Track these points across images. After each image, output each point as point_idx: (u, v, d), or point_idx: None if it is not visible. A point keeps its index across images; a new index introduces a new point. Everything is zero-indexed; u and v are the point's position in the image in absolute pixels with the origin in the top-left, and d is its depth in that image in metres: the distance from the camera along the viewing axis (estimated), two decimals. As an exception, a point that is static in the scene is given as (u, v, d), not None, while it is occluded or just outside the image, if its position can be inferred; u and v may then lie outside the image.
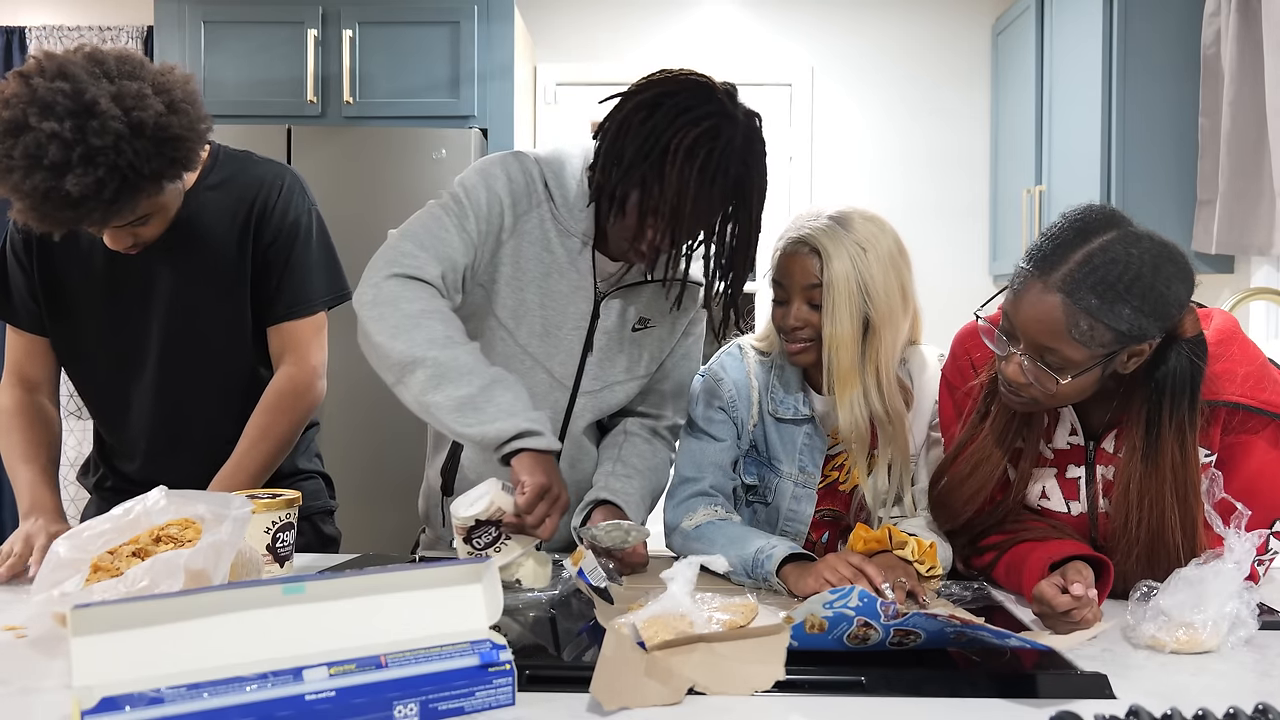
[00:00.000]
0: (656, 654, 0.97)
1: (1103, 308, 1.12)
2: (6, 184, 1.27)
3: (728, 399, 1.51)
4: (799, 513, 1.50)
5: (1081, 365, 1.16)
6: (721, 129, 1.30)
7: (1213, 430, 1.24)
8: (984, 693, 0.94)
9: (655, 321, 1.52)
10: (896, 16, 3.97)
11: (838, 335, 1.38)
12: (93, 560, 1.08)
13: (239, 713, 0.79)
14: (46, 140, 1.23)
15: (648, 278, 1.46)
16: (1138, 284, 1.12)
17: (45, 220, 1.30)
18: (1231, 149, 2.65)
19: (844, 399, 1.40)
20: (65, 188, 1.24)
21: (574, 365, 1.48)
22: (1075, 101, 3.12)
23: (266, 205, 1.54)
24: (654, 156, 1.29)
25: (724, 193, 1.32)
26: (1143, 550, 1.22)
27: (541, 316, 1.44)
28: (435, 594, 0.92)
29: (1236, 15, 2.62)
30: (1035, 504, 1.36)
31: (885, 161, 3.98)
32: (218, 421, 1.57)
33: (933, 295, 1.71)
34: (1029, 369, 1.19)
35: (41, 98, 1.25)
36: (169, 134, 1.32)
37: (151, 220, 1.43)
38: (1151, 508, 1.20)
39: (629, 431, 1.56)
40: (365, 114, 3.22)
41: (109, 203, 1.29)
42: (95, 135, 1.25)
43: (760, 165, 1.36)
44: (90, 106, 1.26)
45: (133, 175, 1.29)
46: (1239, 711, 0.78)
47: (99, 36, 3.76)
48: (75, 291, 1.53)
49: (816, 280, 1.39)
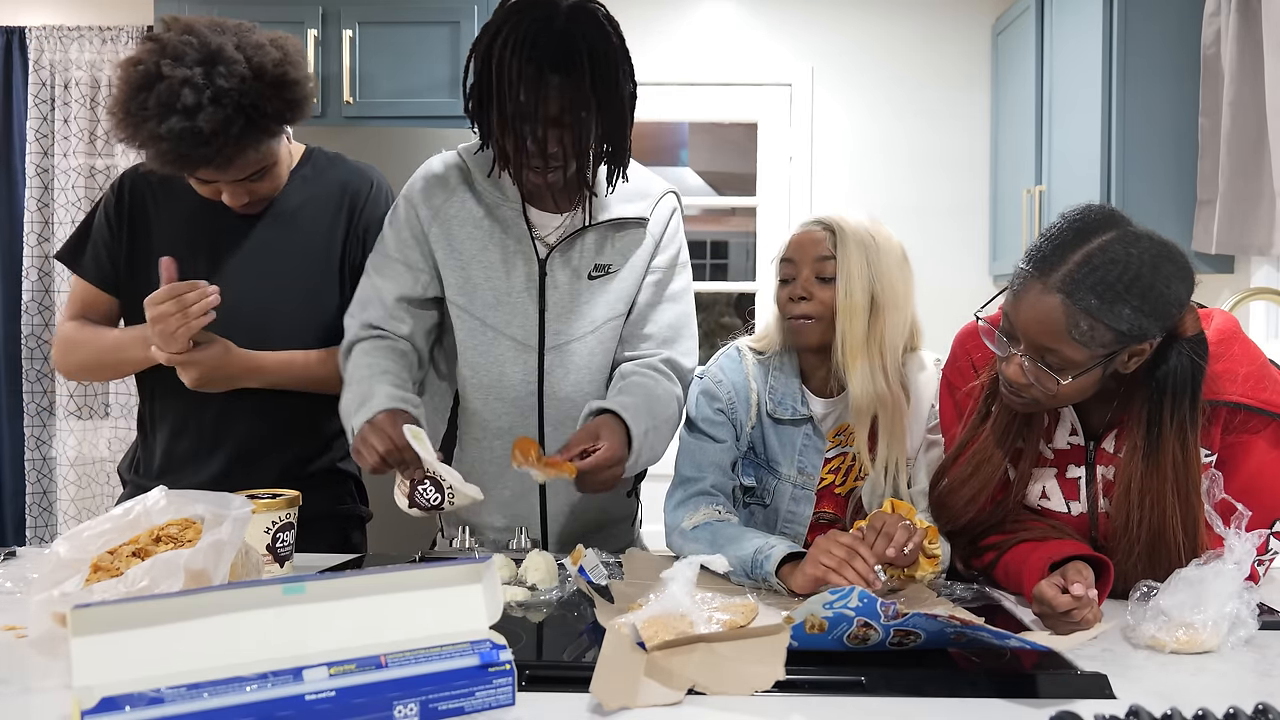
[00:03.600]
0: (656, 654, 0.97)
1: (1102, 308, 1.12)
2: (143, 132, 1.39)
3: (726, 401, 1.51)
4: (798, 514, 1.51)
5: (1082, 366, 1.16)
6: (534, 16, 1.34)
7: (1213, 430, 1.24)
8: (984, 693, 0.94)
9: (616, 265, 1.53)
10: (896, 17, 3.97)
11: (851, 305, 1.41)
12: (93, 560, 1.08)
13: (239, 713, 0.79)
14: (179, 85, 1.36)
15: (585, 222, 1.50)
16: (1137, 284, 1.12)
17: (180, 161, 1.41)
18: (1231, 149, 2.65)
19: (854, 369, 1.42)
20: (199, 124, 1.36)
21: (534, 326, 1.50)
22: (1075, 101, 3.12)
23: (359, 196, 1.65)
24: (486, 74, 1.36)
25: (553, 64, 1.33)
26: (1144, 550, 1.22)
27: (490, 288, 1.50)
28: (435, 594, 0.92)
29: (1236, 15, 2.62)
30: (1035, 504, 1.36)
31: (885, 161, 3.98)
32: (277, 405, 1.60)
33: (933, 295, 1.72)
34: (1029, 370, 1.19)
35: (173, 48, 1.39)
36: (286, 78, 1.46)
37: (265, 176, 1.54)
38: (1153, 506, 1.20)
39: (623, 374, 1.53)
40: (365, 114, 3.23)
41: (237, 139, 1.41)
42: (222, 78, 1.38)
43: (594, 30, 1.37)
44: (217, 53, 1.40)
45: (256, 115, 1.42)
46: (1239, 711, 0.78)
47: (99, 36, 3.76)
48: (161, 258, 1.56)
49: (829, 253, 1.44)
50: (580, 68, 1.34)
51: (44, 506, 3.85)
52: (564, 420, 1.52)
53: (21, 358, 3.79)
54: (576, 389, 1.52)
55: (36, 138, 3.78)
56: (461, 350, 1.53)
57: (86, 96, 3.78)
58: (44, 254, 3.79)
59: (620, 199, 1.53)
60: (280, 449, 1.61)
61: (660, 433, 1.47)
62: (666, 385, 1.51)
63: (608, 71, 1.37)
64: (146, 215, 1.59)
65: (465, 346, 1.53)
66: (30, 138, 3.77)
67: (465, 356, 1.53)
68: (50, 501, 3.85)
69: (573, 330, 1.51)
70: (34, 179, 3.77)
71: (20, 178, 3.79)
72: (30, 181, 3.76)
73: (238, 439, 1.60)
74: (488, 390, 1.52)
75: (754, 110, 4.03)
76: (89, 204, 3.76)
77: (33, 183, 3.77)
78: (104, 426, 3.84)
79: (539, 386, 1.51)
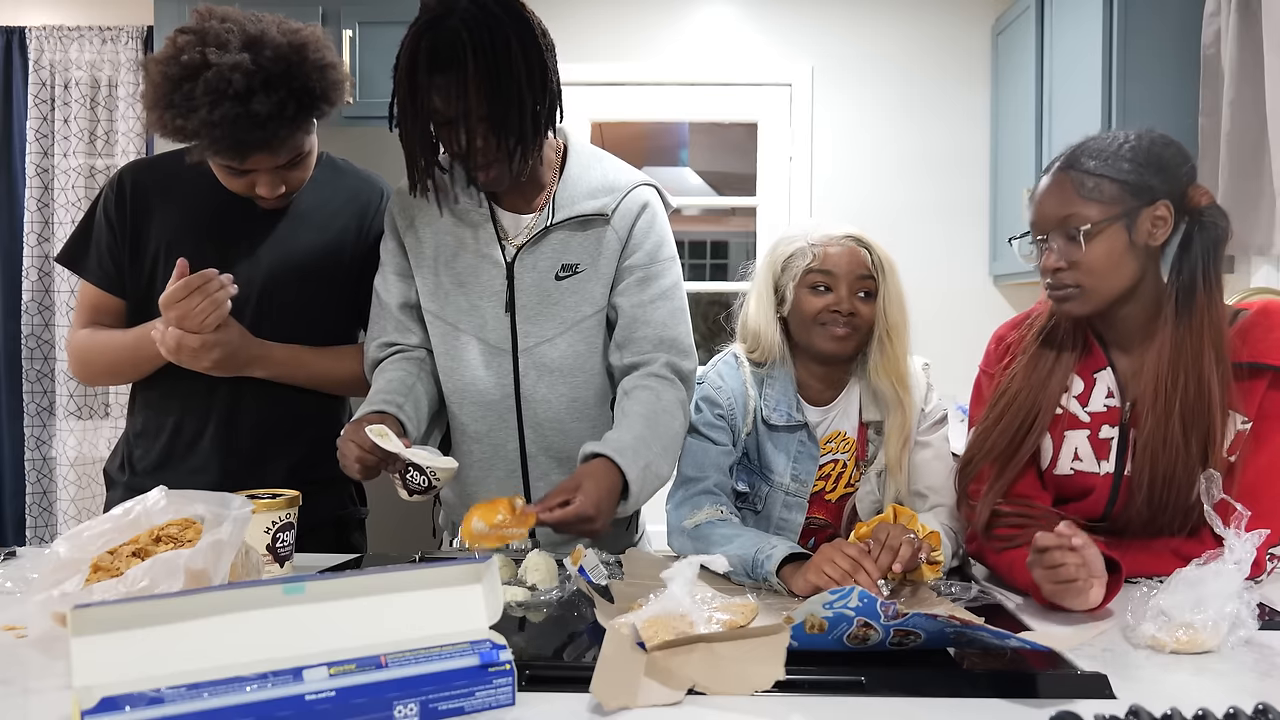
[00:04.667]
0: (656, 654, 0.97)
1: (1102, 165, 1.28)
2: (193, 121, 1.37)
3: (726, 407, 1.52)
4: (790, 521, 1.52)
5: (1099, 221, 1.26)
6: (432, 20, 1.34)
7: (1254, 394, 1.28)
8: (984, 693, 0.94)
9: (582, 265, 1.49)
10: (896, 17, 3.97)
11: (891, 324, 1.49)
12: (93, 560, 1.08)
13: (239, 713, 0.78)
14: (229, 70, 1.35)
15: (550, 221, 1.48)
16: (1128, 143, 1.29)
17: (236, 148, 1.41)
18: (1231, 149, 2.65)
19: (902, 385, 1.50)
20: (254, 108, 1.36)
21: (505, 329, 1.49)
22: (1075, 101, 3.12)
23: (370, 205, 1.66)
24: (404, 81, 1.35)
25: (455, 62, 1.32)
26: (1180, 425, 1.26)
27: (461, 293, 1.50)
28: (435, 594, 0.92)
29: (1236, 15, 2.62)
30: (1069, 468, 1.38)
31: (885, 161, 3.98)
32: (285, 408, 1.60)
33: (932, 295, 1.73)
34: (1059, 249, 1.30)
35: (215, 35, 1.38)
36: (325, 59, 1.46)
37: (302, 163, 1.54)
38: (1191, 365, 1.27)
39: (626, 390, 1.49)
40: (365, 114, 3.22)
41: (292, 120, 1.42)
42: (270, 62, 1.38)
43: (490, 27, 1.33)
44: (260, 36, 1.40)
45: (306, 96, 1.43)
46: (1239, 711, 0.78)
47: (99, 36, 3.76)
48: (167, 254, 1.55)
49: (868, 271, 1.49)
50: (467, 68, 1.31)
51: (44, 506, 3.85)
52: (543, 423, 1.51)
53: (21, 358, 3.79)
54: (553, 391, 1.50)
55: (36, 138, 3.78)
56: (436, 355, 1.53)
57: (86, 96, 3.78)
58: (44, 254, 3.79)
59: (584, 194, 1.49)
60: (278, 458, 1.60)
61: (665, 457, 1.42)
62: (670, 394, 1.47)
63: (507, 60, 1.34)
64: (149, 212, 1.57)
65: (439, 352, 1.53)
66: (30, 138, 3.78)
67: (440, 362, 1.53)
68: (50, 501, 3.85)
69: (544, 332, 1.49)
70: (34, 179, 3.77)
71: (20, 178, 3.79)
72: (30, 181, 3.77)
73: (236, 445, 1.59)
74: (463, 394, 1.52)
75: (754, 110, 4.03)
76: (89, 204, 3.76)
77: (33, 183, 3.77)
78: (104, 426, 3.84)
79: (515, 390, 1.51)
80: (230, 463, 1.58)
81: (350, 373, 1.63)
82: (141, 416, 1.64)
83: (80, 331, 1.60)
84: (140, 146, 3.73)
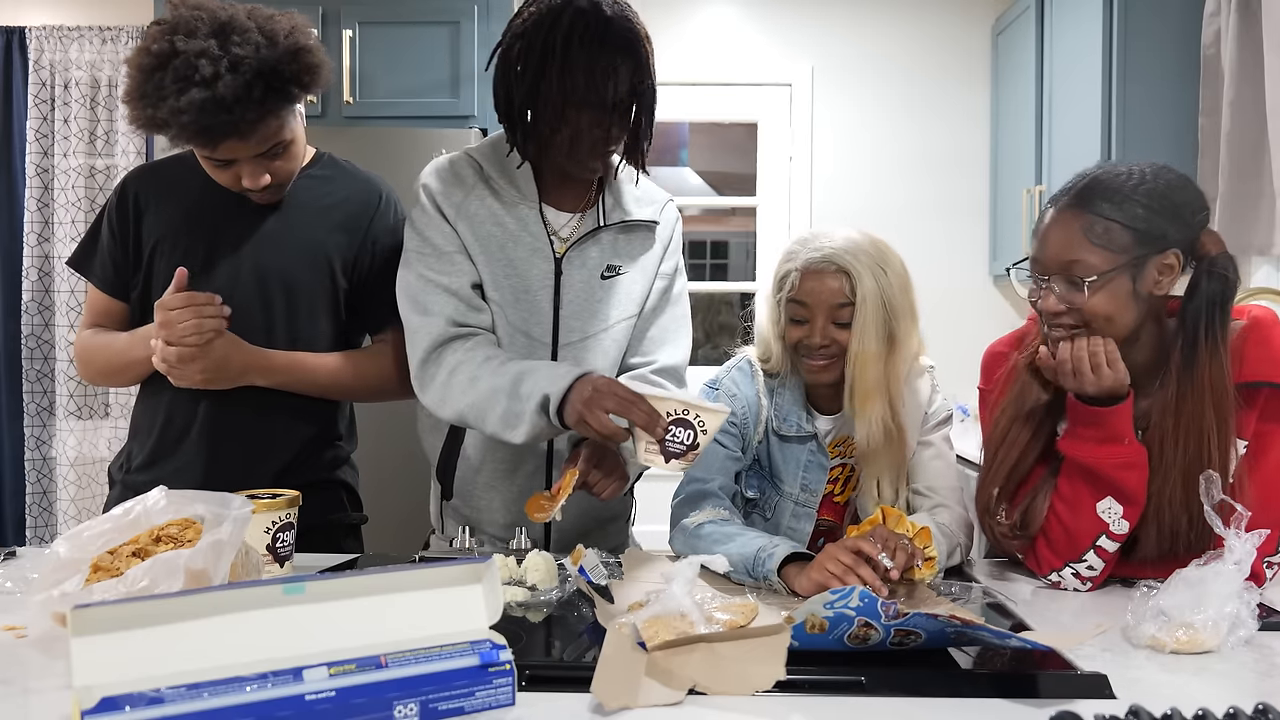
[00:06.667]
0: (657, 654, 0.97)
1: (1114, 209, 1.22)
2: (163, 110, 1.37)
3: (739, 415, 1.53)
4: (798, 530, 1.53)
5: (1105, 270, 1.21)
6: (579, 8, 1.37)
7: (1250, 415, 1.26)
8: (984, 693, 0.94)
9: (625, 267, 1.55)
10: (896, 17, 3.97)
11: (865, 352, 1.43)
12: (93, 560, 1.08)
13: (239, 713, 0.78)
14: (195, 57, 1.35)
15: (601, 222, 1.52)
16: (1143, 185, 1.22)
17: (204, 133, 1.40)
18: (1231, 149, 2.65)
19: (864, 414, 1.44)
20: (219, 93, 1.35)
21: (549, 324, 1.51)
22: (1075, 101, 3.12)
23: (369, 206, 1.65)
24: (556, 52, 1.35)
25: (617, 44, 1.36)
26: (1180, 473, 1.25)
27: (510, 285, 1.50)
28: (435, 594, 0.92)
29: (1236, 15, 2.62)
30: None
31: (885, 161, 3.98)
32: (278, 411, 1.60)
33: (933, 295, 1.72)
34: (1061, 293, 1.25)
35: (184, 23, 1.39)
36: (299, 44, 1.45)
37: (285, 153, 1.51)
38: (1191, 421, 1.23)
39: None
40: (365, 114, 3.23)
41: (259, 103, 1.40)
42: (237, 46, 1.37)
43: (636, 19, 1.41)
44: (229, 22, 1.40)
45: (275, 80, 1.41)
46: (1239, 711, 0.78)
47: (99, 36, 3.76)
48: (167, 255, 1.56)
49: (846, 299, 1.44)
50: (642, 51, 1.39)
51: (44, 506, 3.85)
52: None
53: (21, 358, 3.79)
54: None
55: (36, 138, 3.78)
56: None
57: (86, 96, 3.78)
58: (44, 254, 3.79)
59: (632, 201, 1.57)
60: (268, 459, 1.59)
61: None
62: (660, 382, 1.54)
63: (651, 58, 1.42)
64: (147, 215, 1.58)
65: None
66: (30, 138, 3.77)
67: None
68: (50, 501, 3.85)
69: (588, 328, 1.53)
70: (34, 179, 3.77)
71: (20, 178, 3.79)
72: (30, 181, 3.76)
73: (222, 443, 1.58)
74: None
75: (754, 110, 4.03)
76: (89, 204, 3.77)
77: (33, 183, 3.77)
78: (104, 426, 3.84)
79: None
80: (216, 461, 1.57)
81: (355, 379, 1.62)
82: (136, 413, 1.66)
83: (84, 332, 1.63)
84: (140, 146, 3.73)
